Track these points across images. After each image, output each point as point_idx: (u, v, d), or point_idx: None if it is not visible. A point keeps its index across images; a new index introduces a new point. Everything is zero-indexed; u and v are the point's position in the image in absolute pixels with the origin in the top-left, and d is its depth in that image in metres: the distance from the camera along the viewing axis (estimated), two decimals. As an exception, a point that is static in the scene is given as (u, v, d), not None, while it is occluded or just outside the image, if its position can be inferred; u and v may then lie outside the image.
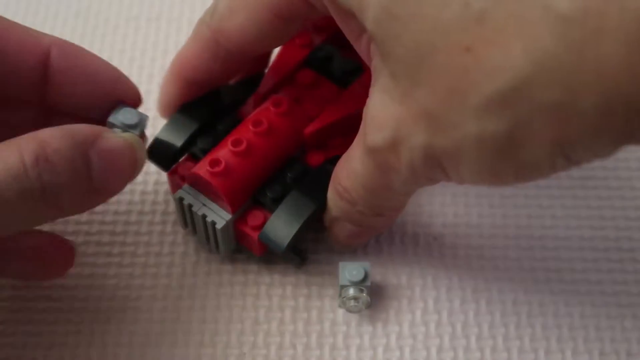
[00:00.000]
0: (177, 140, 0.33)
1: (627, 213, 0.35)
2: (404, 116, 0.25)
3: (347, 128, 0.32)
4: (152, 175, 0.36)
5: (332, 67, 0.34)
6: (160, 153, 0.33)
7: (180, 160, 0.33)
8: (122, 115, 0.30)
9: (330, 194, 0.31)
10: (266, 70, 0.35)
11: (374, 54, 0.26)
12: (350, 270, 0.31)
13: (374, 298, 0.33)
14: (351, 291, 0.31)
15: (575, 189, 0.36)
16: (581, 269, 0.34)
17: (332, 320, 0.33)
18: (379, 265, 0.34)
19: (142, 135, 0.30)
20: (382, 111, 0.26)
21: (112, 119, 0.30)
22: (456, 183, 0.26)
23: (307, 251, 0.34)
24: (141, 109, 0.31)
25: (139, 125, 0.30)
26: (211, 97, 0.33)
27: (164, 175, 0.35)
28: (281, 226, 0.31)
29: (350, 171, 0.29)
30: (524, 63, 0.22)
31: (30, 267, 0.32)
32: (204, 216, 0.32)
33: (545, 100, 0.22)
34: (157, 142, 0.33)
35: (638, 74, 0.21)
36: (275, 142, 0.32)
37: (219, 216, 0.32)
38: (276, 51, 0.35)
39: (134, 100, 0.31)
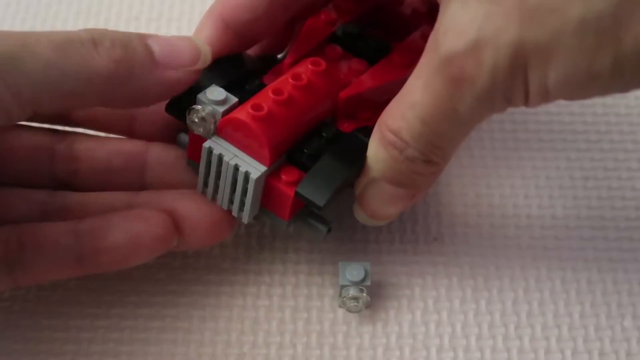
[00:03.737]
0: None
1: (628, 213, 0.35)
2: (493, 12, 0.25)
3: (378, 100, 0.31)
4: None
5: (359, 45, 0.34)
6: (187, 105, 0.30)
7: None
8: (210, 93, 0.30)
9: (373, 146, 0.29)
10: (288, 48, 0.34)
11: None
12: (350, 270, 0.31)
13: (374, 298, 0.33)
14: (351, 291, 0.31)
15: (576, 189, 0.36)
16: (581, 268, 0.34)
17: (332, 320, 0.33)
18: (379, 265, 0.34)
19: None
20: (465, 16, 0.25)
21: (200, 96, 0.30)
22: (532, 103, 0.26)
23: (333, 222, 0.32)
24: None
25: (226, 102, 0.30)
26: (236, 59, 0.32)
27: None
28: (319, 182, 0.29)
29: (407, 106, 0.28)
30: None
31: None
32: (237, 167, 0.29)
33: None
34: (185, 96, 0.30)
35: None
36: (313, 98, 0.31)
37: (253, 167, 0.29)
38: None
39: None
